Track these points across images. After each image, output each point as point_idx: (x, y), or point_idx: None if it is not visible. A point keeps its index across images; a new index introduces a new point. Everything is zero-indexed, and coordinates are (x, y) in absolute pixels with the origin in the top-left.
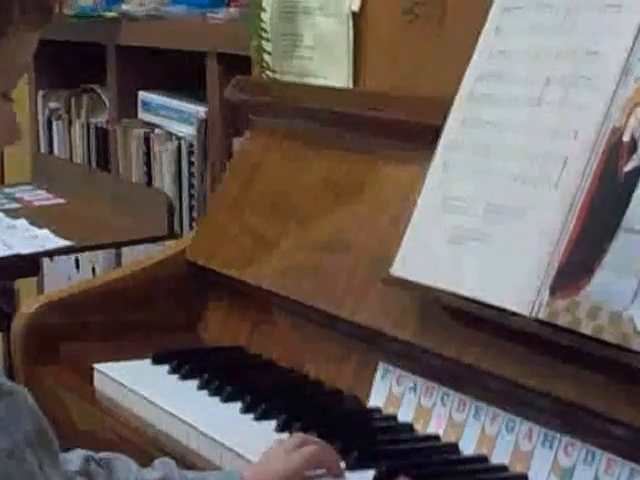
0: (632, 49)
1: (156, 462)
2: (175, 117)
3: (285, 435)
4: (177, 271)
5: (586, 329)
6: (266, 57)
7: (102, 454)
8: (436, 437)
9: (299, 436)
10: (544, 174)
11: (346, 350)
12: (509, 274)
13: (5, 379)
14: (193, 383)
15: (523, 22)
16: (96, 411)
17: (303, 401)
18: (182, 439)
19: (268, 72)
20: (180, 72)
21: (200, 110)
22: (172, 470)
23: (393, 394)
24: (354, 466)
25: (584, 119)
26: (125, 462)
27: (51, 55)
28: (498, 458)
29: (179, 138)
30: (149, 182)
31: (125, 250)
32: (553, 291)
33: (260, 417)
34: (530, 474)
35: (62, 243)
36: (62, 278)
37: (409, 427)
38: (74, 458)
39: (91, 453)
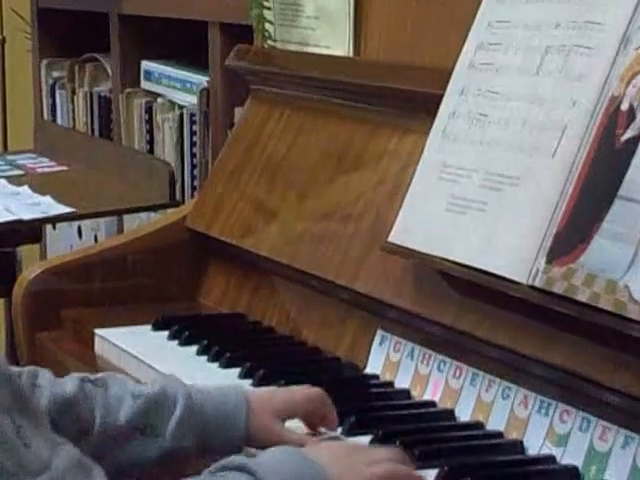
0: (632, 19)
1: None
2: (177, 86)
3: None
4: (178, 238)
5: (582, 297)
6: (268, 26)
7: (98, 374)
8: (432, 403)
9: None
10: (542, 143)
11: (344, 317)
12: (506, 242)
13: None
14: (193, 349)
15: None
16: None
17: (301, 367)
18: None
19: (270, 41)
20: (183, 41)
21: (202, 79)
22: (172, 383)
23: (390, 361)
24: (351, 431)
25: (583, 88)
26: (121, 380)
27: (54, 24)
28: (494, 425)
29: (181, 107)
30: (151, 150)
31: (127, 218)
32: (550, 259)
33: (258, 383)
34: (525, 441)
35: (64, 210)
36: (65, 246)
37: (406, 393)
38: (69, 381)
39: (86, 374)
